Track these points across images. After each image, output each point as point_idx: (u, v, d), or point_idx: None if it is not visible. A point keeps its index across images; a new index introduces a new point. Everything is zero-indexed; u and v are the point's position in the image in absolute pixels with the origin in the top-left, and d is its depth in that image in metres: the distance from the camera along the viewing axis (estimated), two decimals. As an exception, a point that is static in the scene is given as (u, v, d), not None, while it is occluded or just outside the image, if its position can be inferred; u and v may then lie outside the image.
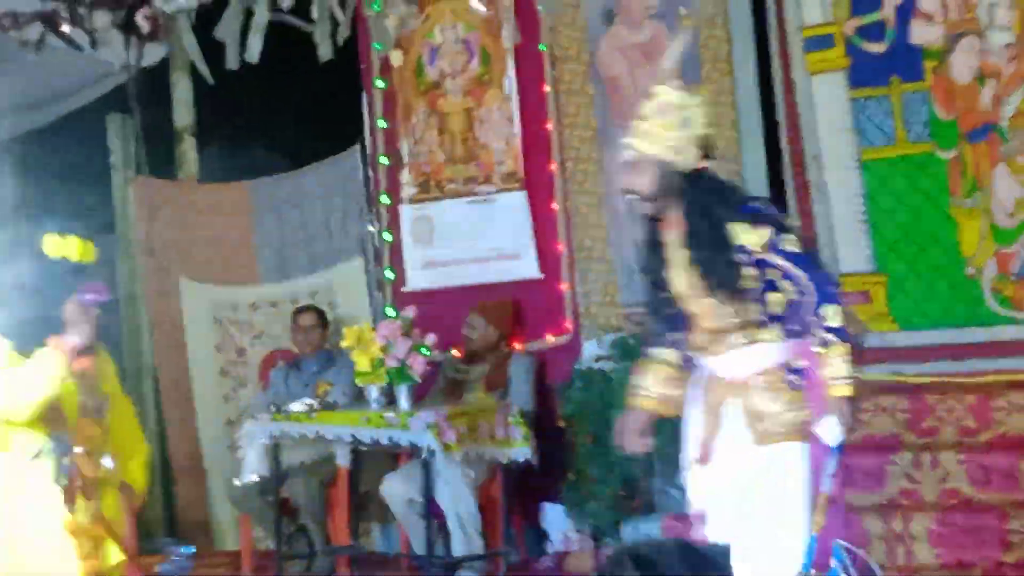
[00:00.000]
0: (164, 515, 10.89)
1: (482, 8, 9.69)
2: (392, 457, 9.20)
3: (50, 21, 6.08)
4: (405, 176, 10.28)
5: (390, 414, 8.25)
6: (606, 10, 9.64)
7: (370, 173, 10.56)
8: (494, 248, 9.97)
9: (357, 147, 10.62)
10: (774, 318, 5.35)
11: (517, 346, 9.65)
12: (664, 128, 5.39)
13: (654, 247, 5.56)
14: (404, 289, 10.26)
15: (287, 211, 10.94)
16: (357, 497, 9.09)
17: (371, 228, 10.57)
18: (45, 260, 5.93)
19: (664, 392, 5.70)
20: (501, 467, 8.72)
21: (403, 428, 8.13)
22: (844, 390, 5.17)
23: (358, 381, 8.57)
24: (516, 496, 9.06)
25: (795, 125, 9.20)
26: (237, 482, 9.16)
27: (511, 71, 9.97)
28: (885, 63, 8.95)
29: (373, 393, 8.48)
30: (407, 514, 8.69)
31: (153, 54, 10.08)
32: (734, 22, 9.32)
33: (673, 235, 5.47)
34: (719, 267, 5.30)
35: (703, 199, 5.35)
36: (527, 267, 9.89)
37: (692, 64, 9.31)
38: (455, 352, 9.64)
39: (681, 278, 5.46)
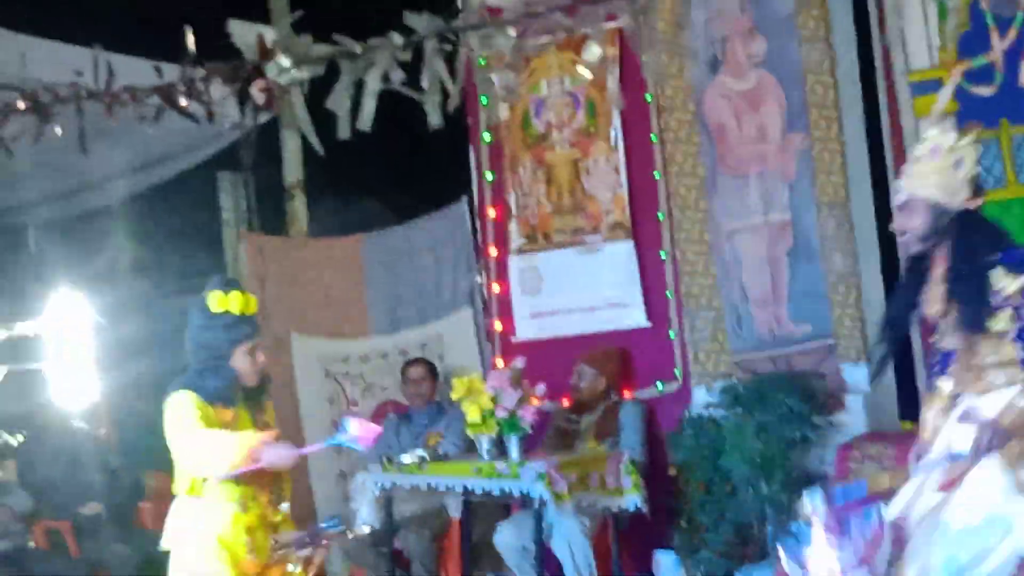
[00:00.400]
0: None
1: (589, 75, 9.72)
2: (504, 507, 9.22)
3: (167, 95, 6.20)
4: (513, 227, 10.34)
5: (501, 464, 8.26)
6: (711, 58, 9.66)
7: (478, 225, 10.63)
8: (602, 297, 10.01)
9: (464, 199, 10.71)
10: None
11: (627, 394, 9.65)
12: (935, 170, 5.59)
13: (916, 286, 5.75)
14: (513, 340, 10.31)
15: (397, 264, 11.04)
16: (469, 547, 9.10)
17: (479, 279, 10.63)
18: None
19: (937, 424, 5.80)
20: (612, 516, 8.71)
21: (514, 478, 8.14)
22: None
23: (468, 432, 8.59)
24: (628, 545, 9.04)
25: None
26: (350, 534, 9.20)
27: (617, 122, 10.02)
28: (994, 106, 8.88)
29: (484, 444, 8.49)
30: (520, 563, 8.71)
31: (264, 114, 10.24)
32: (840, 68, 9.29)
33: (938, 272, 5.64)
34: (971, 307, 5.48)
35: (970, 240, 5.54)
36: (635, 316, 9.91)
37: (799, 111, 9.32)
38: (564, 402, 9.66)
39: (938, 312, 5.65)
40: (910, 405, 9.13)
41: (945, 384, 5.78)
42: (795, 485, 8.56)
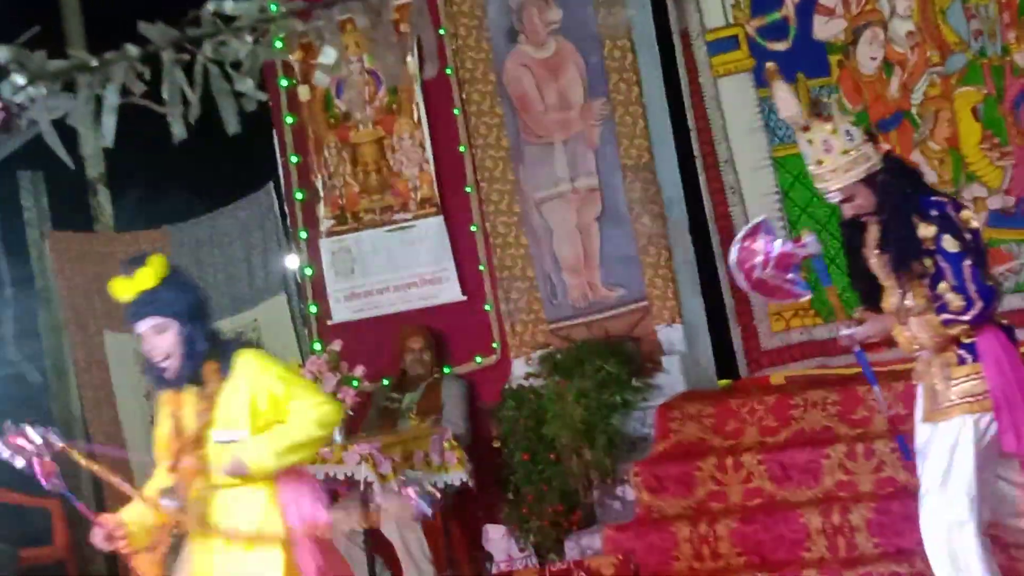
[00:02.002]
0: (107, 570, 10.77)
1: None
2: (330, 492, 9.15)
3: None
4: (321, 210, 10.25)
5: (324, 449, 8.19)
6: (509, 28, 9.65)
7: (286, 209, 10.52)
8: (416, 274, 9.97)
9: (271, 184, 10.59)
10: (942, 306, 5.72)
11: (446, 370, 9.65)
12: (842, 154, 5.84)
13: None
14: (329, 322, 10.22)
15: (206, 253, 10.91)
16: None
17: (289, 264, 10.53)
18: None
19: None
20: (439, 493, 8.68)
21: (338, 462, 8.08)
22: None
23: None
24: (458, 521, 9.03)
25: (706, 129, 9.26)
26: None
27: (420, 98, 9.97)
28: (790, 60, 9.00)
29: (306, 429, 8.41)
30: (349, 547, 8.64)
31: (62, 107, 9.99)
32: (637, 31, 9.34)
33: (873, 224, 5.96)
34: (898, 248, 5.82)
35: (899, 185, 5.86)
36: (450, 291, 9.89)
37: (599, 77, 9.35)
38: (385, 381, 9.62)
39: (874, 260, 5.98)
40: (727, 363, 9.26)
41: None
42: (618, 449, 8.63)
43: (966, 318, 5.69)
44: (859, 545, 7.40)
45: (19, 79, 4.39)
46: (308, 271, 10.31)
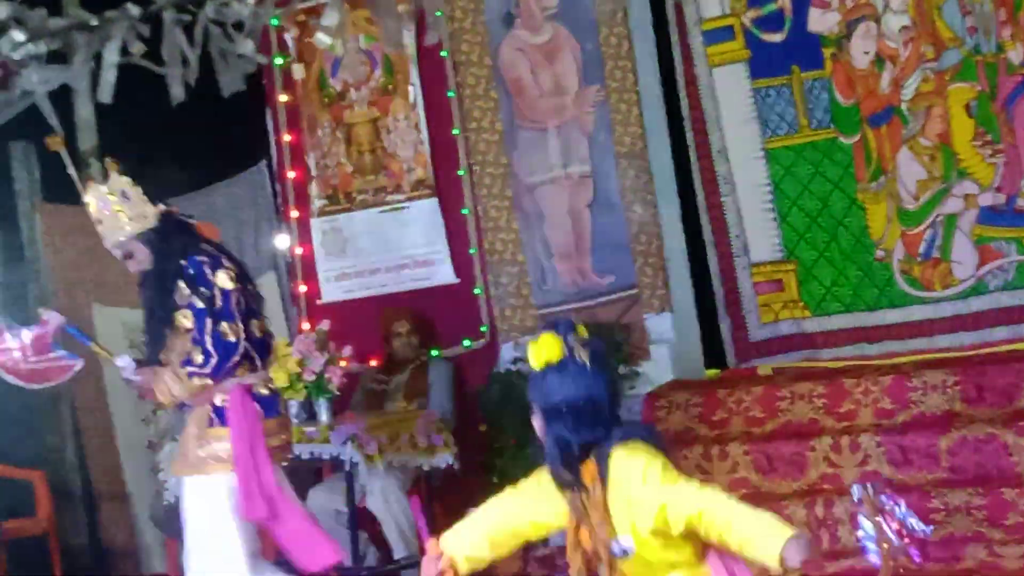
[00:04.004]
0: (89, 541, 10.78)
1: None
2: (316, 471, 9.16)
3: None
4: (313, 189, 10.26)
5: (311, 428, 8.20)
6: (505, 13, 9.65)
7: (278, 188, 10.52)
8: (408, 256, 9.99)
9: (264, 162, 10.60)
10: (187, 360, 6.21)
11: (434, 353, 9.66)
12: (117, 212, 6.31)
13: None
14: (319, 302, 10.23)
15: (197, 229, 10.87)
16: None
17: (279, 243, 10.53)
18: None
19: None
20: (425, 475, 8.70)
21: (324, 442, 8.09)
22: None
23: (276, 397, 8.52)
24: (443, 504, 9.04)
25: (700, 118, 9.27)
26: (161, 504, 9.09)
27: (416, 79, 9.97)
28: (785, 52, 9.04)
29: (293, 408, 8.42)
30: (334, 526, 8.65)
31: (56, 78, 9.98)
32: (634, 19, 9.34)
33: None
34: (149, 309, 6.34)
35: (169, 244, 6.30)
36: (443, 273, 9.92)
37: (595, 63, 9.36)
38: (373, 362, 9.63)
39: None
40: (715, 353, 9.28)
41: None
42: (604, 435, 8.64)
43: (207, 371, 6.20)
44: (842, 538, 7.42)
45: (18, 36, 4.39)
46: (299, 250, 10.32)
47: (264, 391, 6.48)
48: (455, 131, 9.84)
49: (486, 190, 9.72)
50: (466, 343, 9.80)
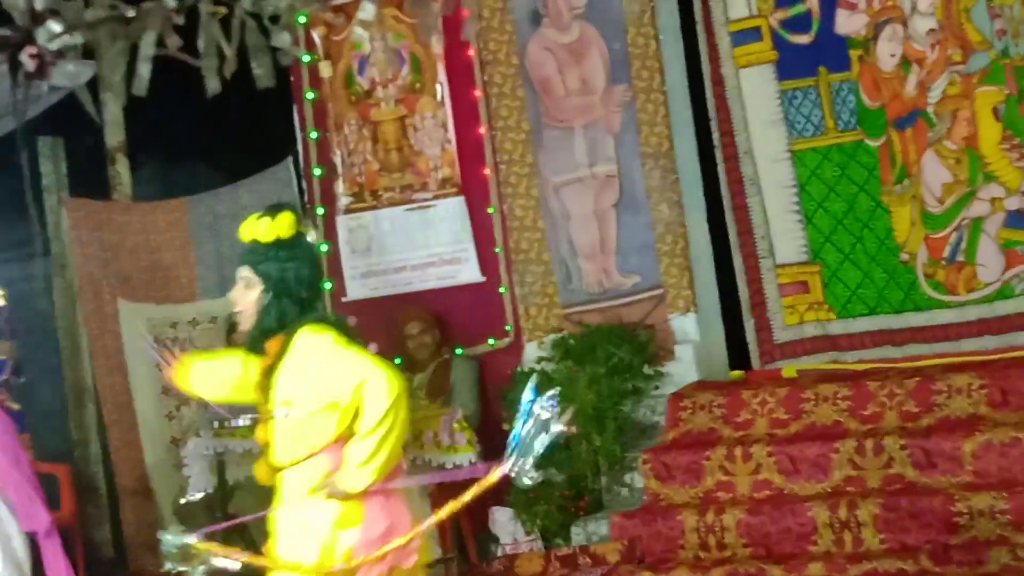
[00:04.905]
0: (112, 537, 10.82)
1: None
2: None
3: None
4: (339, 186, 10.27)
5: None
6: (533, 12, 9.66)
7: (304, 185, 10.55)
8: (434, 254, 9.99)
9: (290, 159, 10.62)
10: None
11: (458, 351, 9.66)
12: None
13: None
14: (344, 299, 10.24)
15: (224, 226, 10.90)
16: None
17: (310, 238, 10.53)
18: None
19: None
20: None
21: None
22: None
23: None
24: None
25: (726, 119, 9.25)
26: (183, 500, 9.11)
27: (442, 77, 9.98)
28: (812, 54, 9.02)
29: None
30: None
31: (88, 72, 10.00)
32: (661, 19, 9.35)
33: None
34: None
35: None
36: (469, 271, 9.92)
37: (622, 63, 9.36)
38: (397, 361, 9.63)
39: None
40: (739, 354, 9.27)
41: None
42: (627, 436, 8.66)
43: None
44: (865, 540, 7.40)
45: (55, 26, 4.40)
46: (324, 247, 10.33)
47: None
48: (481, 130, 9.84)
49: (512, 189, 9.72)
50: (491, 342, 9.81)
